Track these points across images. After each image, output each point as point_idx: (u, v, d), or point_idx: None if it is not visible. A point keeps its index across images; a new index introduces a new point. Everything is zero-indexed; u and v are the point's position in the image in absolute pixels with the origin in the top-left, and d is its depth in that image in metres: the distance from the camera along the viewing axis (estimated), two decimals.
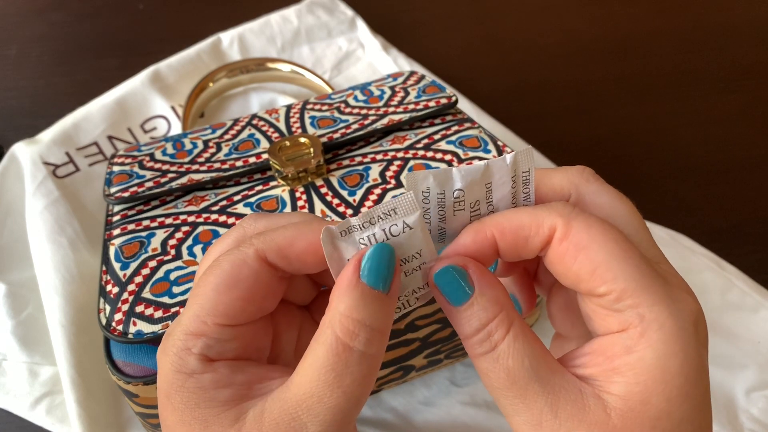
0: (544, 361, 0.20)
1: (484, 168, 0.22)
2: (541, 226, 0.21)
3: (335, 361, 0.19)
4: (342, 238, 0.21)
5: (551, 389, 0.20)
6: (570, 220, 0.21)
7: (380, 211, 0.21)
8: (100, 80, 0.62)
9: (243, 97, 0.61)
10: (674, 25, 0.73)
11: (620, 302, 0.20)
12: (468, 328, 0.21)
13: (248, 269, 0.21)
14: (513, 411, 0.20)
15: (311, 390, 0.19)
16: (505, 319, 0.21)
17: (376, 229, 0.21)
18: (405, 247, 0.21)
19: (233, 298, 0.21)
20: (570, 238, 0.20)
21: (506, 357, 0.20)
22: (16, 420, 0.41)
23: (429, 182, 0.22)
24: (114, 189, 0.39)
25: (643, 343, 0.20)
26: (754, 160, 0.58)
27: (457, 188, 0.22)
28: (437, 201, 0.22)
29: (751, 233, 0.52)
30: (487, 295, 0.21)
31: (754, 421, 0.40)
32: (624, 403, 0.19)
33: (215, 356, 0.21)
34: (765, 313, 0.45)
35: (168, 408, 0.21)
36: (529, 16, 0.75)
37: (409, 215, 0.21)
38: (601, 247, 0.20)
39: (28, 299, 0.45)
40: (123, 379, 0.31)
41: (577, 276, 0.21)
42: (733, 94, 0.64)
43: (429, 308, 0.36)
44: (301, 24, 0.67)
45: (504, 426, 0.40)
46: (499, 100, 0.63)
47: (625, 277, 0.20)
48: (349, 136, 0.41)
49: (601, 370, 0.20)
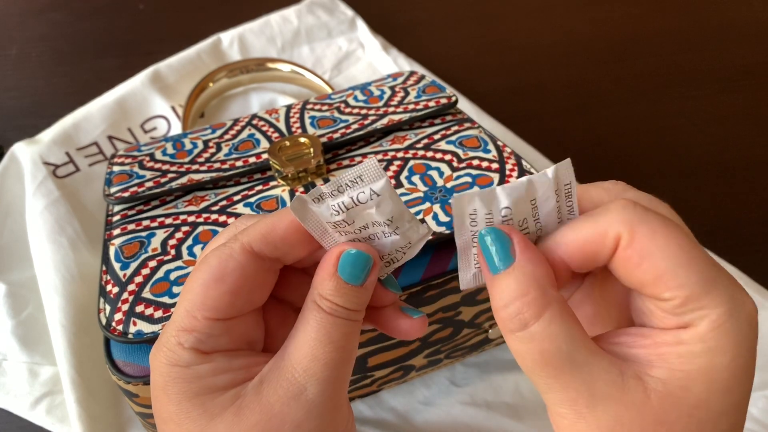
0: (583, 344, 0.20)
1: (527, 184, 0.21)
2: (606, 237, 0.21)
3: (324, 322, 0.21)
4: (314, 204, 0.22)
5: (589, 372, 0.20)
6: (633, 226, 0.20)
7: (347, 178, 0.21)
8: (100, 80, 0.62)
9: (243, 97, 0.61)
10: (674, 25, 0.73)
11: (684, 307, 0.20)
12: (499, 300, 0.21)
13: (234, 263, 0.22)
14: (547, 389, 0.21)
15: (305, 351, 0.21)
16: (539, 299, 0.20)
17: (344, 197, 0.21)
18: (376, 214, 0.21)
19: (221, 293, 0.21)
20: (634, 245, 0.20)
21: (541, 339, 0.20)
22: (16, 420, 0.41)
23: (475, 204, 0.21)
24: (114, 189, 0.39)
25: (696, 337, 0.20)
26: (754, 160, 0.58)
27: (503, 206, 0.21)
28: (485, 222, 0.22)
29: (751, 233, 0.52)
30: (525, 270, 0.21)
31: (754, 421, 0.40)
32: (664, 387, 0.19)
33: (208, 350, 0.22)
34: (765, 313, 0.45)
35: (164, 400, 0.21)
36: (529, 16, 0.75)
37: (376, 182, 0.21)
38: (666, 254, 0.20)
39: (28, 299, 0.45)
40: (123, 379, 0.31)
41: (640, 282, 0.20)
42: (733, 94, 0.64)
43: (429, 308, 0.36)
44: (301, 24, 0.67)
45: (504, 426, 0.40)
46: (499, 100, 0.63)
47: (690, 284, 0.19)
48: (349, 136, 0.41)
49: (646, 353, 0.20)
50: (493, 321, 0.40)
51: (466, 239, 0.22)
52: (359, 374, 0.38)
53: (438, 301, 0.36)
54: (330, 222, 0.22)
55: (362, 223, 0.22)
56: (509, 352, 0.44)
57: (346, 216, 0.22)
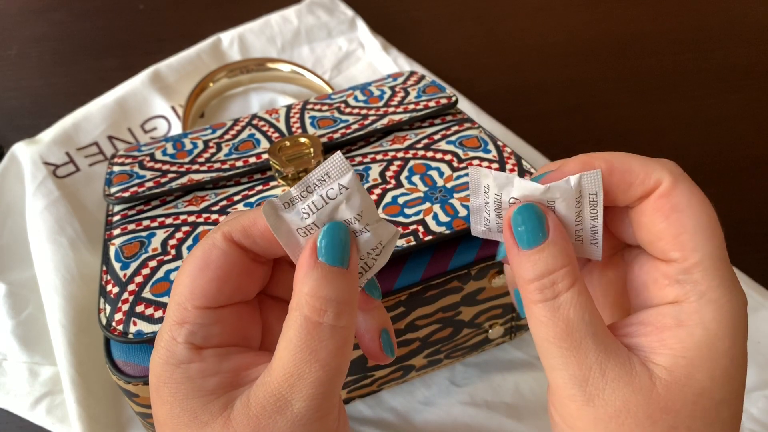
0: (600, 321, 0.21)
1: (544, 189, 0.22)
2: (649, 176, 0.21)
3: (308, 338, 0.20)
4: (286, 210, 0.21)
5: (604, 348, 0.20)
6: (677, 180, 0.21)
7: (314, 177, 0.21)
8: (100, 80, 0.62)
9: (243, 97, 0.61)
10: (674, 25, 0.73)
11: (687, 273, 0.20)
12: (532, 273, 0.21)
13: (217, 250, 0.22)
14: (561, 364, 0.21)
15: (290, 370, 0.20)
16: (572, 273, 0.21)
17: (314, 196, 0.21)
18: (346, 209, 0.21)
19: (207, 280, 0.22)
20: (670, 197, 0.21)
21: (568, 308, 0.20)
22: (16, 420, 0.41)
23: (489, 180, 0.22)
24: (114, 189, 0.39)
25: (695, 318, 0.20)
26: (754, 160, 0.58)
27: (513, 196, 0.22)
28: (494, 200, 0.22)
29: (751, 233, 0.52)
30: (559, 245, 0.21)
31: (753, 421, 0.40)
32: (669, 375, 0.20)
33: (201, 343, 0.22)
34: (765, 313, 0.45)
35: (158, 402, 0.21)
36: (529, 16, 0.75)
37: (343, 176, 0.21)
38: (696, 215, 0.20)
39: (29, 299, 0.45)
40: (123, 379, 0.31)
41: (658, 234, 0.21)
42: (733, 94, 0.64)
43: (429, 308, 0.36)
44: (301, 24, 0.67)
45: (504, 426, 0.40)
46: (499, 100, 0.63)
47: (704, 252, 0.20)
48: (349, 136, 0.41)
49: (648, 341, 0.21)
50: (494, 321, 0.40)
51: (480, 204, 0.23)
52: (359, 374, 0.38)
53: (438, 301, 0.36)
54: (301, 227, 0.22)
55: None
56: (509, 352, 0.44)
57: (316, 218, 0.21)
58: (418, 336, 0.38)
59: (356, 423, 0.41)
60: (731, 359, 0.20)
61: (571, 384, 0.20)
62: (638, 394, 0.20)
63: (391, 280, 0.34)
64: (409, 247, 0.33)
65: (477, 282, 0.36)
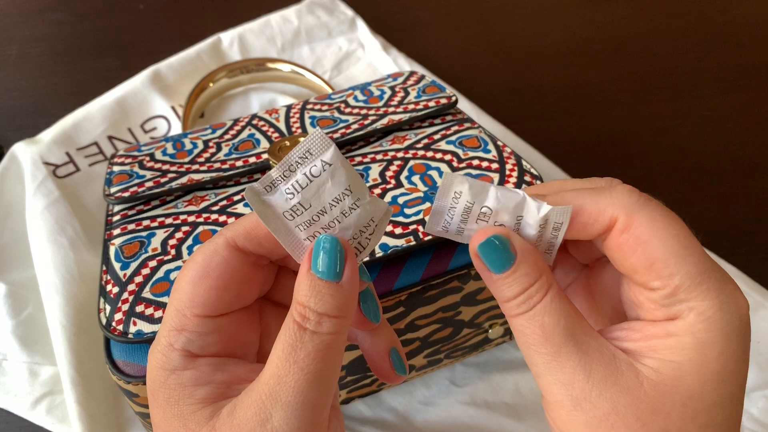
0: (579, 324, 0.21)
1: (521, 200, 0.21)
2: (602, 214, 0.21)
3: (292, 339, 0.20)
4: (268, 194, 0.21)
5: (585, 350, 0.20)
6: (632, 212, 0.21)
7: (296, 156, 0.21)
8: (100, 80, 0.62)
9: (243, 97, 0.61)
10: (674, 25, 0.73)
11: (672, 297, 0.20)
12: (509, 293, 0.21)
13: (219, 257, 0.22)
14: (546, 369, 0.21)
15: (272, 371, 0.20)
16: (545, 283, 0.21)
17: (297, 175, 0.21)
18: (332, 186, 0.21)
19: (207, 288, 0.22)
20: (631, 231, 0.21)
21: (542, 314, 0.20)
22: (16, 420, 0.41)
23: (464, 188, 0.22)
24: (114, 189, 0.39)
25: (685, 329, 0.20)
26: (754, 160, 0.58)
27: (486, 205, 0.22)
28: (464, 207, 0.22)
29: (751, 233, 0.52)
30: (528, 262, 0.21)
31: (753, 421, 0.40)
32: (657, 375, 0.20)
33: (198, 351, 0.22)
34: (765, 312, 0.45)
35: (153, 405, 0.22)
36: (529, 16, 0.75)
37: (324, 152, 0.21)
38: (662, 242, 0.20)
39: (29, 299, 0.45)
40: (123, 378, 0.31)
41: (633, 268, 0.21)
42: (733, 94, 0.64)
43: (429, 308, 0.36)
44: (301, 24, 0.67)
45: (504, 426, 0.40)
46: (499, 100, 0.63)
47: (681, 275, 0.20)
48: (349, 136, 0.41)
49: (636, 345, 0.21)
50: (493, 321, 0.40)
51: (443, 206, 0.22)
52: (359, 374, 0.38)
53: (438, 301, 0.36)
54: (287, 209, 0.21)
55: (320, 206, 0.21)
56: (509, 352, 0.44)
57: (302, 198, 0.21)
58: (418, 336, 0.38)
59: (356, 423, 0.41)
60: (723, 364, 0.20)
61: (557, 389, 0.20)
62: (625, 394, 0.20)
63: (391, 280, 0.34)
64: (409, 247, 0.33)
65: (477, 282, 0.36)
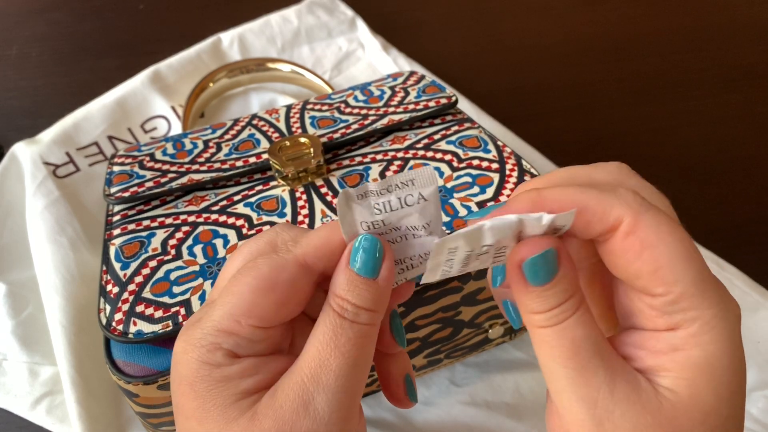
0: (604, 340, 0.20)
1: (517, 223, 0.21)
2: (607, 214, 0.20)
3: (333, 325, 0.21)
4: (357, 201, 0.22)
5: (611, 366, 0.20)
6: (639, 214, 0.20)
7: (399, 179, 0.22)
8: (100, 80, 0.62)
9: (243, 97, 0.61)
10: (674, 25, 0.73)
11: (675, 305, 0.20)
12: (542, 307, 0.20)
13: (287, 274, 0.22)
14: (569, 384, 0.20)
15: (313, 354, 0.21)
16: (579, 298, 0.20)
17: (392, 196, 0.22)
18: (417, 216, 0.22)
19: (270, 302, 0.21)
20: (637, 234, 0.20)
21: (574, 328, 0.20)
22: (16, 420, 0.41)
23: (459, 243, 0.21)
24: (114, 189, 0.39)
25: (691, 342, 0.19)
26: (754, 160, 0.58)
27: (486, 244, 0.21)
28: (464, 256, 0.22)
29: (751, 233, 0.52)
30: (569, 276, 0.20)
31: (753, 421, 0.40)
32: (673, 395, 0.19)
33: (243, 353, 0.22)
34: (765, 312, 0.45)
35: (189, 395, 0.21)
36: (529, 16, 0.75)
37: (426, 188, 0.22)
38: (668, 247, 0.19)
39: (29, 299, 0.45)
40: (123, 378, 0.31)
41: (635, 273, 0.20)
42: (733, 94, 0.64)
43: (429, 308, 0.36)
44: (301, 24, 0.67)
45: (504, 426, 0.40)
46: (499, 100, 0.63)
47: (686, 282, 0.19)
48: (349, 136, 0.41)
49: (645, 366, 0.20)
50: (493, 321, 0.40)
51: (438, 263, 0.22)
52: None
53: (438, 301, 0.36)
54: (367, 221, 0.22)
55: (396, 230, 0.22)
56: (509, 352, 0.44)
57: (385, 217, 0.22)
58: (418, 336, 0.38)
59: None
60: (733, 374, 0.19)
61: (579, 407, 0.20)
62: (648, 415, 0.19)
63: None
64: None
65: (477, 282, 0.36)
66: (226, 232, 0.35)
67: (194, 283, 0.33)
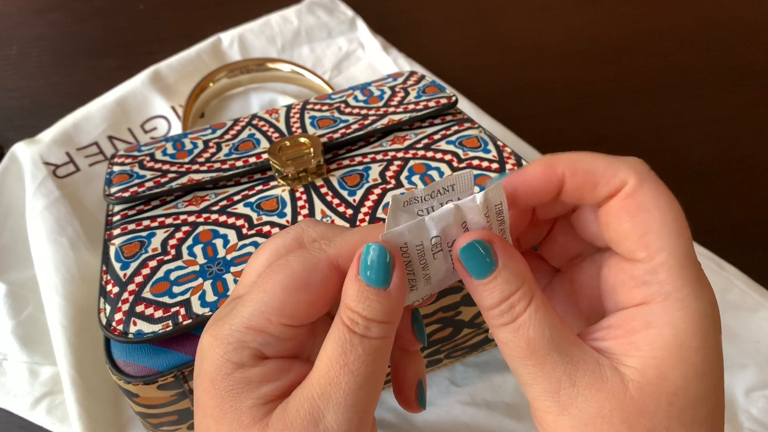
0: (564, 333, 0.21)
1: (455, 210, 0.21)
2: (614, 176, 0.21)
3: (342, 341, 0.20)
4: (403, 209, 0.22)
5: (570, 359, 0.20)
6: (643, 180, 0.21)
7: (441, 185, 0.22)
8: (100, 80, 0.62)
9: (243, 97, 0.61)
10: (674, 25, 0.73)
11: (653, 274, 0.20)
12: (489, 301, 0.21)
13: (320, 274, 0.22)
14: (531, 380, 0.21)
15: (322, 371, 0.20)
16: (528, 292, 0.21)
17: (434, 201, 0.22)
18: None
19: (302, 301, 0.21)
20: (636, 197, 0.21)
21: (527, 327, 0.20)
22: (17, 420, 0.41)
23: (405, 237, 0.21)
24: (114, 189, 0.39)
25: (663, 319, 0.20)
26: (754, 160, 0.58)
27: (433, 236, 0.22)
28: (417, 252, 0.22)
29: (751, 233, 0.52)
30: (510, 269, 0.21)
31: (753, 421, 0.40)
32: (641, 377, 0.20)
33: (270, 353, 0.22)
34: (765, 312, 0.45)
35: (210, 392, 0.21)
36: (529, 16, 0.75)
37: (464, 193, 0.22)
38: (661, 215, 0.20)
39: (29, 299, 0.45)
40: (123, 378, 0.31)
41: (624, 234, 0.21)
42: (733, 94, 0.64)
43: (429, 308, 0.36)
44: (301, 24, 0.67)
45: (504, 426, 0.40)
46: (499, 100, 0.63)
47: (669, 252, 0.20)
48: (349, 136, 0.41)
49: (618, 343, 0.21)
50: None
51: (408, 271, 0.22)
52: None
53: (438, 301, 0.36)
54: None
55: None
56: None
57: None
58: None
59: None
60: (703, 356, 0.20)
61: (544, 396, 0.21)
62: (611, 399, 0.20)
63: None
64: None
65: None
66: (226, 232, 0.35)
67: (194, 283, 0.33)
